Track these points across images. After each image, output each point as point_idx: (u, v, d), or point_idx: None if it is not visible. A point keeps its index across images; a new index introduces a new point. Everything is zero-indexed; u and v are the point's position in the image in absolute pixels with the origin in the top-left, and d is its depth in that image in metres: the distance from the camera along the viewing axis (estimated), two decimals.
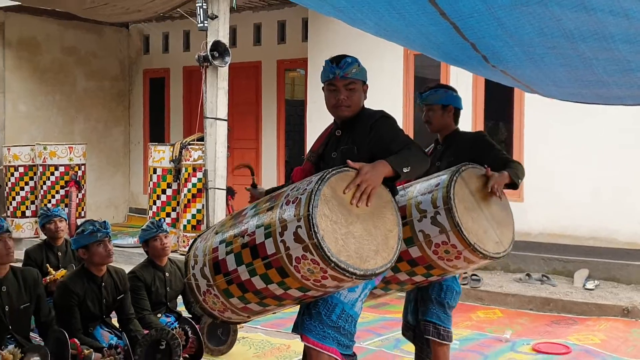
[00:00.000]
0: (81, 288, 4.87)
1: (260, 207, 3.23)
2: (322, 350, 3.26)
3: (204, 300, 3.38)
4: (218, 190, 8.52)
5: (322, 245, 2.86)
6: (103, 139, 12.86)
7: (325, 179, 2.99)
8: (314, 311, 3.30)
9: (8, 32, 11.53)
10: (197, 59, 8.33)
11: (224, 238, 3.28)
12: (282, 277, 3.04)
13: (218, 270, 3.25)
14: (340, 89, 3.49)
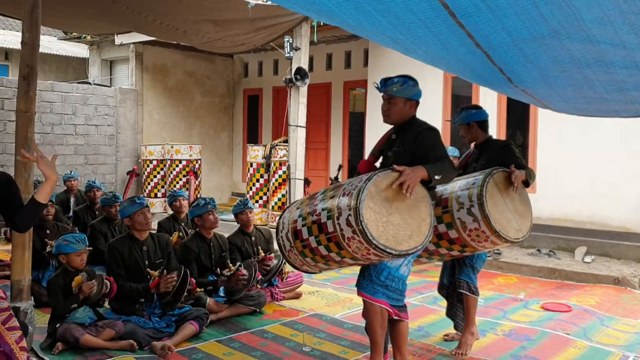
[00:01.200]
0: (196, 246, 5.05)
1: (327, 194, 3.34)
2: (373, 302, 3.33)
3: (288, 256, 3.55)
4: (298, 180, 8.60)
5: (366, 230, 2.96)
6: (213, 141, 13.07)
7: (372, 179, 3.06)
8: (366, 273, 3.38)
9: (146, 60, 11.86)
10: (284, 81, 8.42)
11: (301, 213, 3.41)
12: (339, 249, 3.16)
13: (296, 237, 3.39)
14: (385, 101, 3.56)
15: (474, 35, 2.50)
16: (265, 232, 5.73)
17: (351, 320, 4.93)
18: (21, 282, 3.96)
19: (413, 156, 3.36)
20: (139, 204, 4.54)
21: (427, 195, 3.25)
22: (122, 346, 4.04)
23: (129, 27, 6.82)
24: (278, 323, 4.84)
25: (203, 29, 5.78)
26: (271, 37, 6.42)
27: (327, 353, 4.14)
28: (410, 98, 3.51)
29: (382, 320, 3.35)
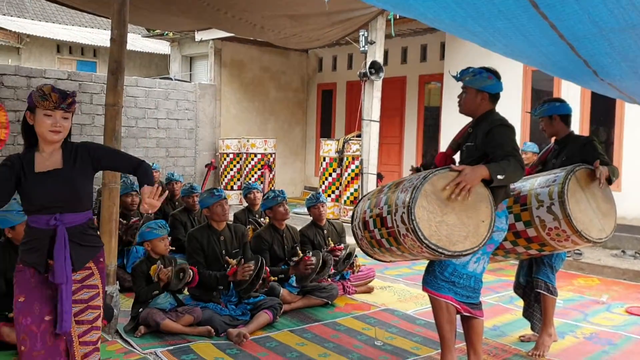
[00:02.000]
0: (269, 237, 5.16)
1: (391, 188, 3.35)
2: (437, 297, 3.31)
3: (360, 244, 3.61)
4: (370, 174, 8.60)
5: (417, 229, 2.96)
6: (287, 135, 13.26)
7: (428, 178, 3.05)
8: (430, 269, 3.36)
9: (224, 56, 12.18)
10: (358, 75, 8.43)
11: (370, 205, 3.46)
12: (397, 244, 3.19)
13: (365, 227, 3.45)
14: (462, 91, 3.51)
15: (558, 26, 2.41)
16: (338, 226, 5.77)
17: (424, 316, 4.89)
18: (108, 267, 4.18)
19: (483, 152, 3.29)
20: (217, 195, 4.70)
21: (489, 195, 3.16)
22: (200, 332, 4.19)
23: (209, 23, 7.03)
24: (350, 316, 4.87)
25: (280, 25, 5.88)
26: (346, 31, 6.44)
27: (399, 348, 4.13)
28: (481, 89, 3.41)
29: (448, 316, 3.30)
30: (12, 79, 9.46)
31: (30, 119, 2.62)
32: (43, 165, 2.63)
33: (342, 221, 8.25)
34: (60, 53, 18.89)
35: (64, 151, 2.68)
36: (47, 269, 2.63)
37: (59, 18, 20.58)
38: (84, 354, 2.67)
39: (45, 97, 2.56)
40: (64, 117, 2.61)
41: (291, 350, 4.01)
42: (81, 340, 2.66)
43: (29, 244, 2.66)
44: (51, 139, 2.61)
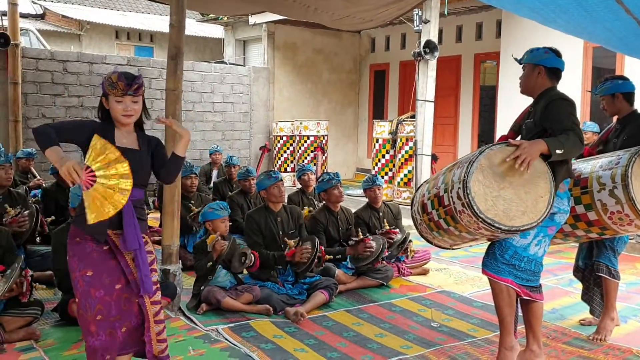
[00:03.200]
0: (324, 219, 5.22)
1: (449, 167, 3.32)
2: (497, 280, 3.25)
3: (420, 230, 3.59)
4: (425, 156, 8.52)
5: (472, 203, 2.92)
6: (339, 117, 13.27)
7: (484, 152, 3.00)
8: (491, 251, 3.30)
9: (277, 39, 12.26)
10: (412, 55, 8.33)
11: (428, 187, 3.44)
12: (455, 223, 3.15)
13: (423, 210, 3.42)
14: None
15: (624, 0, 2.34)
16: (394, 208, 5.77)
17: (481, 299, 4.85)
18: (171, 246, 4.35)
19: (542, 128, 3.21)
20: (274, 177, 4.78)
21: (548, 171, 3.08)
22: (259, 310, 4.31)
23: (264, 7, 7.10)
24: (405, 297, 4.89)
25: (333, 6, 5.87)
26: (400, 11, 6.37)
27: (455, 330, 4.12)
28: (538, 63, 3.31)
29: (508, 299, 3.26)
30: (75, 65, 9.82)
31: (106, 104, 2.85)
32: (121, 142, 2.83)
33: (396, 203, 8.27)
34: (119, 39, 19.44)
35: (139, 135, 2.94)
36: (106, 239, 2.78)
37: (117, 5, 21.14)
38: (154, 312, 2.85)
39: (114, 85, 2.76)
40: (134, 101, 2.81)
41: (347, 330, 4.07)
42: (152, 300, 2.85)
43: None
44: (125, 122, 2.84)
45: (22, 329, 3.72)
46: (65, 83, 9.69)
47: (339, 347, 3.75)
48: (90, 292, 2.73)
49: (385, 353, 3.68)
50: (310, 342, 3.81)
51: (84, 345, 3.60)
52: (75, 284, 2.77)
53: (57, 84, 9.64)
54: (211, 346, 3.67)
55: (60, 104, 9.70)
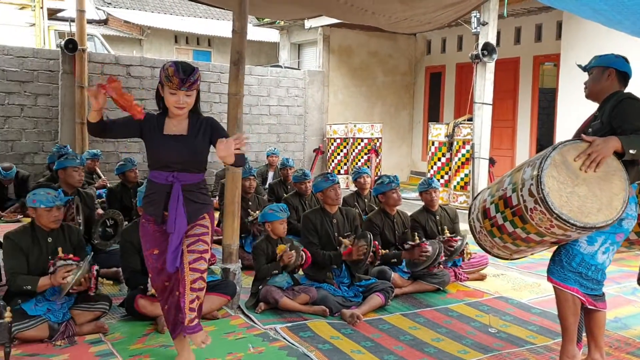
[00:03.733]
0: (380, 221, 5.23)
1: (515, 169, 3.27)
2: (563, 288, 3.18)
3: (479, 239, 3.49)
4: (482, 159, 8.39)
5: (547, 199, 2.85)
6: (394, 119, 13.22)
7: (558, 148, 2.94)
8: (557, 258, 3.23)
9: (332, 42, 12.34)
10: (470, 57, 8.22)
11: (490, 192, 3.37)
12: (523, 224, 3.07)
13: (485, 216, 3.34)
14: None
15: None
16: (451, 212, 5.72)
17: (539, 305, 4.76)
18: (231, 246, 4.47)
19: (610, 127, 3.11)
20: (331, 180, 4.84)
21: (622, 169, 2.99)
22: (316, 311, 4.37)
23: (321, 11, 7.15)
24: (462, 303, 4.85)
25: (390, 9, 5.86)
26: (458, 14, 6.30)
27: (513, 336, 4.07)
28: (609, 66, 3.24)
29: (574, 308, 3.19)
30: (138, 69, 10.18)
31: (161, 91, 3.01)
32: (170, 130, 3.03)
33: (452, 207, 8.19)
34: (178, 43, 19.98)
35: (191, 120, 3.07)
36: (163, 219, 3.06)
37: (176, 10, 21.73)
38: (192, 279, 2.99)
39: (169, 78, 2.90)
40: (187, 95, 2.95)
41: (404, 334, 4.08)
42: (191, 267, 3.00)
43: (150, 197, 3.12)
44: (176, 113, 3.00)
45: (92, 323, 3.90)
46: (128, 87, 10.05)
47: (396, 350, 3.76)
48: (158, 268, 3.11)
49: (442, 357, 3.67)
50: (367, 345, 3.84)
51: (150, 339, 3.77)
52: (147, 261, 3.18)
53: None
54: (270, 345, 3.75)
55: None
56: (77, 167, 5.31)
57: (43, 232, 3.89)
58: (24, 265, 3.78)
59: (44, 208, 3.81)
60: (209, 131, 3.08)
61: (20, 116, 9.31)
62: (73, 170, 5.28)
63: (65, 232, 4.02)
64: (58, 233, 3.96)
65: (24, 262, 3.78)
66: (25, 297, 3.77)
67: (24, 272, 3.76)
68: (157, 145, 3.03)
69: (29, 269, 3.78)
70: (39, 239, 3.87)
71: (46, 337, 3.68)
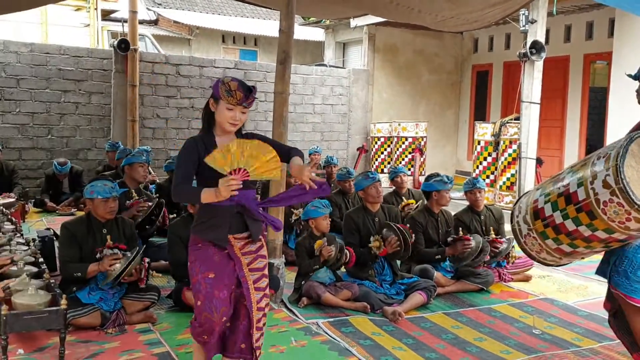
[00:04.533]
0: (423, 220, 5.21)
1: (575, 165, 3.12)
2: (631, 301, 3.04)
3: (524, 242, 3.35)
4: (529, 159, 8.25)
5: (627, 189, 2.71)
6: (439, 118, 13.09)
7: (634, 138, 2.80)
8: (620, 269, 3.07)
9: (377, 41, 12.31)
10: (518, 55, 8.10)
11: (544, 191, 3.21)
12: (591, 220, 2.91)
13: (537, 216, 3.19)
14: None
15: None
16: (496, 212, 5.65)
17: (586, 308, 4.67)
18: (275, 241, 4.55)
19: None
20: (372, 178, 4.85)
21: None
22: (357, 307, 4.40)
23: (367, 10, 7.17)
24: (506, 303, 4.80)
25: (437, 7, 5.84)
26: (506, 12, 6.21)
27: (558, 338, 4.01)
28: None
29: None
30: (187, 68, 10.41)
31: (213, 106, 2.84)
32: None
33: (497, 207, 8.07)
34: (225, 43, 20.30)
35: (238, 136, 2.89)
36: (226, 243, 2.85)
37: (223, 10, 22.07)
38: (257, 318, 2.92)
39: (231, 93, 2.75)
40: (243, 112, 2.81)
41: (446, 332, 4.07)
42: (258, 306, 2.90)
43: (210, 222, 2.85)
44: (228, 130, 2.85)
45: (141, 313, 4.05)
46: (177, 85, 10.30)
47: (438, 349, 3.76)
48: (214, 294, 2.82)
49: (484, 357, 3.65)
50: (408, 342, 3.85)
51: None
52: (198, 287, 2.85)
53: (170, 87, 10.27)
54: (312, 339, 3.81)
55: (173, 105, 10.32)
56: (142, 163, 5.72)
57: (98, 223, 4.06)
58: (77, 254, 3.96)
59: (101, 199, 3.99)
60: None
61: (75, 113, 9.66)
62: (139, 166, 5.67)
63: (119, 224, 4.18)
64: (112, 225, 4.12)
65: (77, 251, 3.96)
66: (79, 286, 3.94)
67: (77, 261, 3.93)
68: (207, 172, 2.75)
69: (82, 258, 3.96)
70: (94, 229, 4.04)
71: (98, 325, 3.85)
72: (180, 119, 10.39)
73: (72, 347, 3.56)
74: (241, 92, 2.76)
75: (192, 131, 10.36)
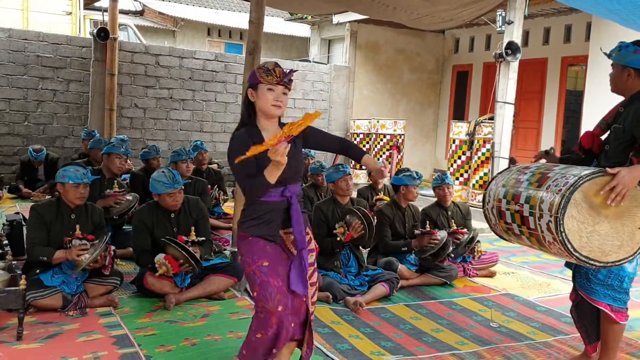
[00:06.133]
0: (391, 213, 5.28)
1: (533, 179, 3.06)
2: (592, 303, 3.13)
3: (494, 229, 3.39)
4: (502, 158, 8.36)
5: (566, 241, 2.74)
6: (418, 117, 13.20)
7: (579, 186, 2.75)
8: (582, 271, 3.15)
9: (359, 38, 12.37)
10: (494, 56, 8.20)
11: (506, 194, 3.18)
12: (540, 246, 2.98)
13: (500, 217, 3.23)
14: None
15: None
16: (463, 208, 5.74)
17: (545, 303, 4.77)
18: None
19: (632, 137, 2.96)
20: (342, 171, 4.91)
21: None
22: (320, 297, 4.42)
23: (344, 6, 7.23)
24: (467, 297, 4.88)
25: (412, 5, 5.91)
26: (481, 11, 6.29)
27: (514, 331, 4.09)
28: (626, 65, 3.07)
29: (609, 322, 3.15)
30: (167, 59, 10.40)
31: (253, 96, 2.74)
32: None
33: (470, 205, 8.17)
34: (211, 36, 20.25)
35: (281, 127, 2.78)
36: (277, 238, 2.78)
37: (210, 3, 22.01)
38: (311, 312, 2.88)
39: (270, 72, 2.68)
40: (284, 93, 2.70)
41: (404, 323, 4.14)
42: (312, 301, 2.86)
43: (262, 218, 2.76)
44: (273, 113, 2.72)
45: (103, 296, 4.08)
46: (157, 76, 10.29)
47: (394, 338, 3.83)
48: (269, 282, 2.73)
49: (439, 347, 3.72)
50: (366, 331, 3.92)
51: (157, 315, 3.92)
52: (253, 277, 2.76)
53: (149, 77, 10.25)
54: None
55: (152, 95, 10.30)
56: (120, 155, 5.80)
57: (68, 207, 4.08)
58: (44, 237, 3.98)
59: (72, 184, 4.01)
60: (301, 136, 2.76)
61: (52, 101, 9.61)
62: (116, 157, 5.76)
63: (88, 211, 4.21)
64: (81, 210, 4.15)
65: (45, 234, 3.98)
66: (43, 269, 3.97)
67: (44, 244, 3.95)
68: (266, 162, 2.60)
69: (49, 242, 3.98)
70: (63, 214, 4.07)
71: (59, 307, 3.88)
72: (159, 109, 10.38)
73: (31, 327, 3.59)
74: (280, 68, 2.70)
75: (170, 121, 10.37)
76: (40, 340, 3.45)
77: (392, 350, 3.61)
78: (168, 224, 4.34)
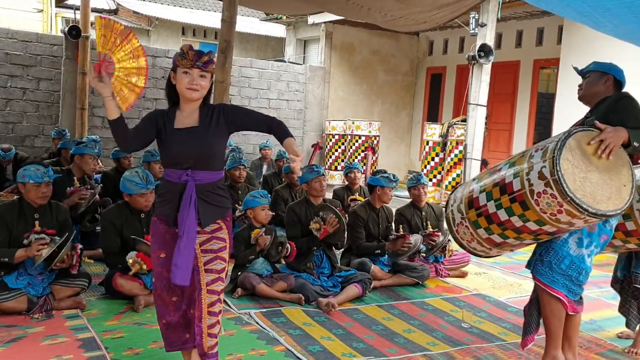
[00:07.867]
0: (365, 214, 5.26)
1: (513, 157, 3.19)
2: (550, 291, 3.15)
3: (457, 231, 3.40)
4: (474, 160, 8.42)
5: (562, 181, 2.76)
6: (393, 118, 13.24)
7: (572, 133, 2.89)
8: (545, 260, 3.17)
9: (335, 39, 12.37)
10: (467, 58, 8.25)
11: (480, 182, 3.27)
12: (523, 210, 2.97)
13: (471, 206, 3.25)
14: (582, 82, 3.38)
15: None
16: (437, 209, 5.75)
17: (516, 304, 4.79)
18: None
19: (608, 124, 3.03)
20: (316, 172, 4.88)
21: (629, 161, 2.96)
22: (292, 298, 4.42)
23: (319, 7, 7.21)
24: (439, 297, 4.89)
25: (386, 6, 5.91)
26: (454, 14, 6.32)
27: (485, 332, 4.10)
28: (608, 72, 3.25)
29: (558, 311, 3.16)
30: None
31: (173, 78, 2.76)
32: (181, 123, 2.75)
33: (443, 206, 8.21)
34: (185, 35, 20.02)
35: (202, 111, 2.78)
36: (175, 221, 2.74)
37: (185, 2, 21.80)
38: (210, 302, 2.77)
39: (184, 55, 2.69)
40: (201, 76, 2.69)
41: (376, 323, 4.12)
42: (209, 289, 2.76)
43: (163, 196, 2.82)
44: (189, 97, 2.71)
45: (70, 299, 3.97)
46: None
47: (366, 339, 3.80)
48: (163, 274, 2.81)
49: (410, 348, 3.71)
50: (338, 332, 3.89)
51: (125, 317, 3.83)
52: (154, 264, 2.89)
53: None
54: (242, 328, 3.81)
55: None
56: (93, 155, 5.70)
57: (30, 207, 3.96)
58: (6, 238, 3.85)
59: (33, 183, 3.89)
60: (223, 119, 2.78)
61: (22, 99, 9.40)
62: (89, 158, 5.64)
63: (52, 209, 4.08)
64: (45, 210, 4.03)
65: (6, 236, 3.85)
66: (7, 271, 3.84)
67: (5, 245, 3.82)
68: (168, 140, 2.73)
69: (11, 243, 3.85)
70: (26, 214, 3.94)
71: (24, 310, 3.76)
72: (131, 109, 10.20)
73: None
74: (193, 52, 2.69)
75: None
76: (3, 344, 3.34)
77: (363, 352, 3.58)
78: (138, 224, 4.25)
